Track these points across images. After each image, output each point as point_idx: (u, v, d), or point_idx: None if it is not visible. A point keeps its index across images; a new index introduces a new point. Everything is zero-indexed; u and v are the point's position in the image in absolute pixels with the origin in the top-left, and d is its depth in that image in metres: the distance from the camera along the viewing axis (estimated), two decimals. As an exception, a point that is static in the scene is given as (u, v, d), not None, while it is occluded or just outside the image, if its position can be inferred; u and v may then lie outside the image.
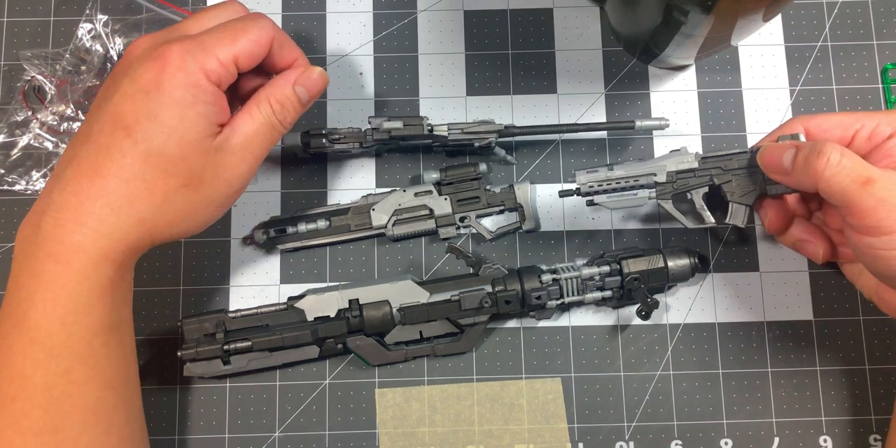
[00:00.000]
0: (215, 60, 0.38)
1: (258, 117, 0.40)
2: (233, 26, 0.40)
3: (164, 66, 0.37)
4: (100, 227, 0.37)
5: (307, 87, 0.42)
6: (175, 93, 0.37)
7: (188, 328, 0.47)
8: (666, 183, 0.45)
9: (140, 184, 0.38)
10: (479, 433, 0.48)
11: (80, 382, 0.38)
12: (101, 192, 0.37)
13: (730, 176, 0.45)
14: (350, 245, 0.51)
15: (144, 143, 0.37)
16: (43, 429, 0.37)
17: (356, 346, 0.47)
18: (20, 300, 0.37)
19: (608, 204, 0.45)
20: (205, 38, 0.39)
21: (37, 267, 0.37)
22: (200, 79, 0.38)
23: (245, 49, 0.39)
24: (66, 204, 0.37)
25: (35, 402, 0.37)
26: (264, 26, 0.40)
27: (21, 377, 0.37)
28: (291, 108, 0.41)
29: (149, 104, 0.37)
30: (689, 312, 0.50)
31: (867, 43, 0.53)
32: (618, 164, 0.46)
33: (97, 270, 0.37)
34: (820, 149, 0.38)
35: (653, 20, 0.45)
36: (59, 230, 0.37)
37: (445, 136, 0.48)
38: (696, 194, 0.46)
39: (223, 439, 0.48)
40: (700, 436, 0.48)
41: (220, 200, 0.41)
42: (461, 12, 0.54)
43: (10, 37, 0.53)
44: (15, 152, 0.51)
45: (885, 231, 0.36)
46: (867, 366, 0.49)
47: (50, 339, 0.37)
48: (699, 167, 0.45)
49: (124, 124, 0.37)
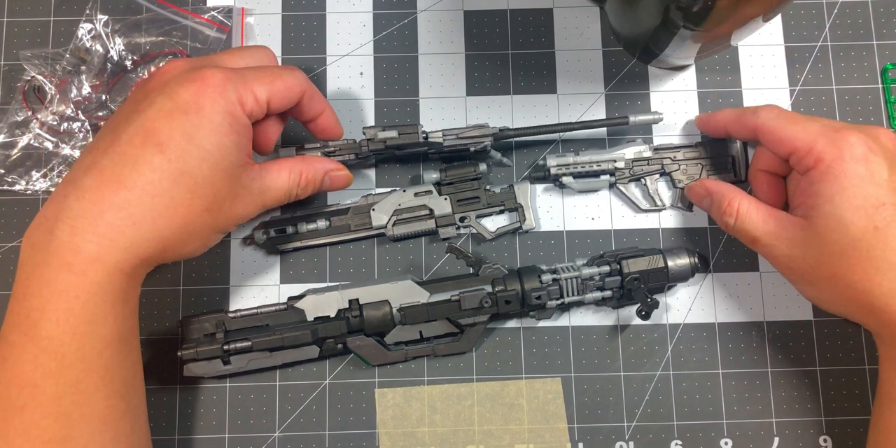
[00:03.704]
0: (252, 95, 0.40)
1: (285, 180, 0.43)
2: (271, 70, 0.42)
3: (204, 90, 0.38)
4: (118, 239, 0.37)
5: (333, 181, 0.46)
6: (215, 118, 0.38)
7: (188, 328, 0.47)
8: (624, 169, 0.50)
9: (166, 201, 0.38)
10: (479, 433, 0.48)
11: (90, 392, 0.37)
12: (125, 203, 0.37)
13: (678, 165, 0.51)
14: (350, 245, 0.51)
15: (178, 162, 0.37)
16: (52, 438, 0.37)
17: (356, 346, 0.47)
18: (31, 309, 0.37)
19: (574, 185, 0.50)
20: (245, 72, 0.40)
21: (49, 275, 0.37)
22: (237, 109, 0.39)
23: (280, 92, 0.41)
24: (85, 212, 0.37)
25: (45, 411, 0.36)
26: (299, 77, 0.43)
27: (31, 386, 0.36)
28: (312, 189, 0.45)
29: (186, 124, 0.38)
30: (689, 312, 0.50)
31: (867, 43, 0.53)
32: (584, 151, 0.51)
33: (111, 282, 0.37)
34: (723, 209, 0.45)
35: (653, 20, 0.45)
36: (75, 239, 0.37)
37: (441, 143, 0.48)
38: (650, 180, 0.51)
39: (223, 439, 0.48)
40: (700, 436, 0.48)
41: (226, 230, 0.42)
42: (461, 12, 0.54)
43: (10, 37, 0.53)
44: (15, 152, 0.51)
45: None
46: (867, 366, 0.49)
47: (62, 348, 0.37)
48: (652, 156, 0.50)
49: (157, 140, 0.37)
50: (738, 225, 0.45)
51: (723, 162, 0.51)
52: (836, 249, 0.40)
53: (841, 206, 0.40)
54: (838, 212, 0.40)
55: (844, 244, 0.40)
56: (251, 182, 0.41)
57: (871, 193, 0.40)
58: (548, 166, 0.50)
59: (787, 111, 0.45)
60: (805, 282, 0.44)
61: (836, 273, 0.41)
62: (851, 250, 0.40)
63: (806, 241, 0.42)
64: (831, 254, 0.41)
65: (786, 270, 0.44)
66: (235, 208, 0.41)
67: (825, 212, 0.41)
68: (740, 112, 0.47)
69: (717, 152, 0.51)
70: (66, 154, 0.51)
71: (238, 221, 0.42)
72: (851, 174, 0.40)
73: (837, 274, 0.41)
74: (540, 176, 0.51)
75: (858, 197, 0.40)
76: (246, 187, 0.41)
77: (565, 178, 0.50)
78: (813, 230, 0.41)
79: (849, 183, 0.40)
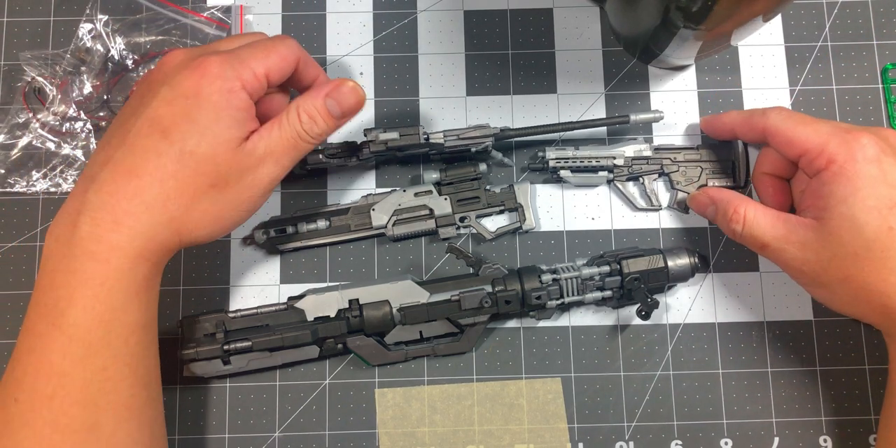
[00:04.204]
0: (250, 72, 0.40)
1: (286, 127, 0.42)
2: (264, 44, 0.42)
3: (203, 74, 0.39)
4: (136, 226, 0.38)
5: (337, 99, 0.42)
6: (212, 97, 0.39)
7: (188, 328, 0.47)
8: (623, 167, 0.50)
9: (173, 183, 0.39)
10: (479, 433, 0.48)
11: (117, 379, 0.38)
12: (137, 190, 0.38)
13: (677, 167, 0.51)
14: (350, 245, 0.51)
15: (180, 143, 0.39)
16: (81, 426, 0.37)
17: (356, 346, 0.47)
18: (58, 299, 0.38)
19: (571, 179, 0.50)
20: (240, 52, 0.41)
21: (74, 265, 0.38)
22: (236, 86, 0.40)
23: (276, 64, 0.41)
24: (104, 204, 0.38)
25: (73, 399, 0.37)
26: (291, 46, 0.43)
27: (60, 375, 0.37)
28: (320, 119, 0.42)
29: (187, 108, 0.39)
30: (689, 312, 0.50)
31: (867, 43, 0.53)
32: (584, 145, 0.51)
33: (133, 269, 0.38)
34: (729, 217, 0.45)
35: (652, 20, 0.45)
36: (96, 230, 0.38)
37: (442, 144, 0.48)
38: (648, 179, 0.51)
39: (223, 439, 0.48)
40: (700, 436, 0.48)
41: (244, 205, 0.42)
42: (461, 12, 0.54)
43: (10, 37, 0.53)
44: (15, 152, 0.51)
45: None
46: (867, 366, 0.49)
47: (88, 336, 0.37)
48: (652, 156, 0.50)
49: (162, 127, 0.39)
50: (746, 231, 0.44)
51: (723, 166, 0.51)
52: (850, 251, 0.40)
53: (855, 207, 0.40)
54: (852, 213, 0.40)
55: (858, 245, 0.40)
56: (254, 147, 0.41)
57: (884, 194, 0.40)
58: (547, 158, 0.50)
59: (796, 113, 0.45)
60: (817, 284, 0.43)
61: (849, 274, 0.41)
62: (866, 251, 0.40)
63: (818, 243, 0.41)
64: (845, 255, 0.41)
65: (797, 274, 0.44)
66: (246, 179, 0.41)
67: (838, 213, 0.41)
68: (748, 114, 0.47)
69: (717, 156, 0.51)
70: (67, 154, 0.51)
71: (257, 192, 0.42)
72: (864, 175, 0.40)
73: (851, 275, 0.41)
74: (538, 167, 0.51)
75: (872, 198, 0.40)
76: (251, 154, 0.40)
77: (563, 171, 0.50)
78: (825, 232, 0.41)
79: (862, 184, 0.40)
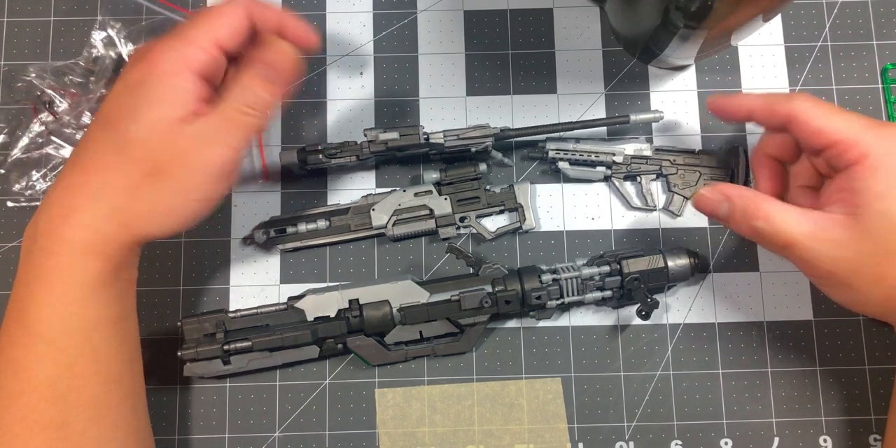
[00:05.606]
0: (196, 48, 0.39)
1: (223, 101, 0.39)
2: (206, 12, 0.40)
3: (149, 62, 0.39)
4: (82, 218, 0.38)
5: (268, 63, 0.40)
6: (154, 84, 0.38)
7: (188, 328, 0.47)
8: (622, 164, 0.50)
9: (115, 174, 0.38)
10: (479, 433, 0.48)
11: (84, 376, 0.38)
12: (83, 183, 0.39)
13: (675, 169, 0.50)
14: (350, 245, 0.51)
15: (120, 132, 0.38)
16: (50, 423, 0.37)
17: (356, 346, 0.47)
18: (21, 296, 0.38)
19: (569, 172, 0.50)
20: (184, 30, 0.39)
21: (33, 262, 0.38)
22: (180, 68, 0.38)
23: (224, 29, 0.39)
24: (58, 198, 0.39)
25: (41, 395, 0.37)
26: (236, 4, 0.40)
27: (25, 371, 0.37)
28: (256, 87, 0.40)
29: (131, 98, 0.39)
30: (689, 312, 0.50)
31: (867, 43, 0.53)
32: (585, 139, 0.51)
33: (84, 263, 0.38)
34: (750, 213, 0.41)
35: (652, 20, 0.45)
36: (50, 225, 0.38)
37: (442, 144, 0.48)
38: (646, 179, 0.51)
39: (223, 439, 0.48)
40: (700, 436, 0.48)
41: (193, 193, 0.39)
42: (461, 12, 0.54)
43: (10, 37, 0.53)
44: (15, 153, 0.51)
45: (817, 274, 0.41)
46: (867, 366, 0.49)
47: (49, 331, 0.38)
48: (652, 156, 0.50)
49: (107, 120, 0.39)
50: (770, 228, 0.40)
51: (722, 173, 0.50)
52: (889, 249, 0.38)
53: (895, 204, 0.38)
54: (891, 210, 0.38)
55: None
56: (194, 128, 0.38)
57: None
58: (546, 149, 0.50)
59: (823, 101, 0.42)
60: (845, 285, 0.40)
61: (884, 273, 0.39)
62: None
63: (852, 241, 0.39)
64: (883, 254, 0.38)
65: (825, 274, 0.40)
66: (187, 162, 0.38)
67: (875, 210, 0.38)
68: (770, 98, 0.43)
69: (717, 162, 0.50)
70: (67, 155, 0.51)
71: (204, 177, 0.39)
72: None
73: (886, 274, 0.39)
74: (537, 156, 0.51)
75: None
76: (192, 136, 0.38)
77: (561, 162, 0.50)
78: (860, 229, 0.39)
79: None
